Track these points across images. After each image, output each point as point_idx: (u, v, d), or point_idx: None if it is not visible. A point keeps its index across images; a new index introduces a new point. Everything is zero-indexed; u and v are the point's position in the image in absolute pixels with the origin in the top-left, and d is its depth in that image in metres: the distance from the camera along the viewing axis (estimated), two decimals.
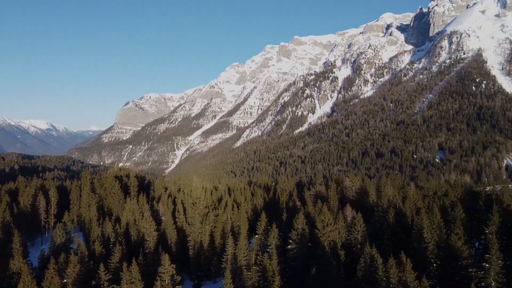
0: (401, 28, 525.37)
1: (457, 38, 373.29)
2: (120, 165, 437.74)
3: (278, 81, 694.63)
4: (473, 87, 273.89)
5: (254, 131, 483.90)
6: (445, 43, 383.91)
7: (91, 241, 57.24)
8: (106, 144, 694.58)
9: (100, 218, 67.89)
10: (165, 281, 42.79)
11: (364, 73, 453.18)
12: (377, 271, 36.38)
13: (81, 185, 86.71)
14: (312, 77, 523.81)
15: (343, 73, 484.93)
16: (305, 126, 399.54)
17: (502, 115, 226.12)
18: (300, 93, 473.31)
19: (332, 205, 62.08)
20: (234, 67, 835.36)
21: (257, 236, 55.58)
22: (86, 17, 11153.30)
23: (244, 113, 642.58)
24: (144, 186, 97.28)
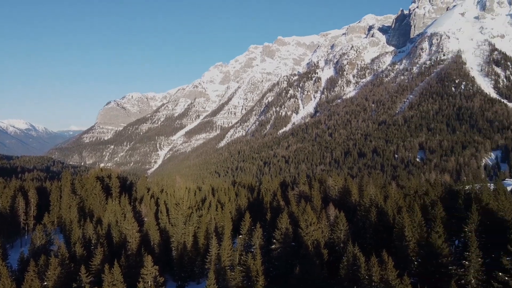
0: (383, 30, 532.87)
1: (437, 39, 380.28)
2: (102, 165, 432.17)
3: (262, 81, 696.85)
4: (453, 88, 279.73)
5: (238, 131, 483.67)
6: (425, 44, 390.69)
7: (71, 243, 56.20)
8: (87, 144, 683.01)
9: (81, 220, 66.72)
10: (148, 282, 42.29)
11: (347, 73, 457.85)
12: (360, 269, 36.66)
13: (61, 186, 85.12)
14: (296, 77, 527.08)
15: (326, 73, 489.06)
16: (289, 126, 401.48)
17: (481, 115, 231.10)
18: (284, 93, 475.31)
19: (315, 204, 62.34)
20: (218, 66, 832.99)
21: (241, 236, 55.45)
22: (67, 14, 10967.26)
23: (228, 113, 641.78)
24: (126, 187, 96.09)
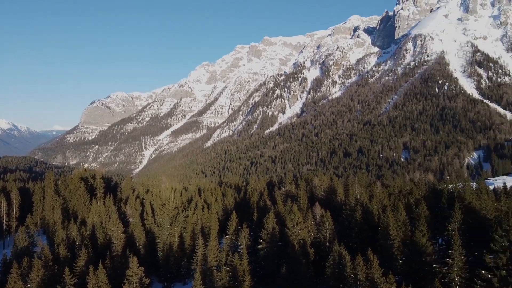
0: (368, 31, 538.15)
1: (421, 41, 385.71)
2: (86, 166, 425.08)
3: (248, 81, 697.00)
4: (436, 89, 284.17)
5: (225, 131, 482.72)
6: (409, 45, 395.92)
7: (55, 245, 55.45)
8: (71, 144, 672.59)
9: (65, 221, 65.81)
10: (133, 284, 41.93)
11: (332, 74, 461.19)
12: (345, 268, 36.90)
13: (44, 186, 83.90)
14: (282, 77, 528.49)
15: (312, 74, 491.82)
16: (275, 126, 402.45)
17: (464, 115, 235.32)
18: (270, 93, 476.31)
19: (301, 204, 62.52)
20: (204, 66, 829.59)
21: (227, 236, 55.30)
22: (50, 12, 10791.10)
23: (215, 112, 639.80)
24: (111, 188, 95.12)
